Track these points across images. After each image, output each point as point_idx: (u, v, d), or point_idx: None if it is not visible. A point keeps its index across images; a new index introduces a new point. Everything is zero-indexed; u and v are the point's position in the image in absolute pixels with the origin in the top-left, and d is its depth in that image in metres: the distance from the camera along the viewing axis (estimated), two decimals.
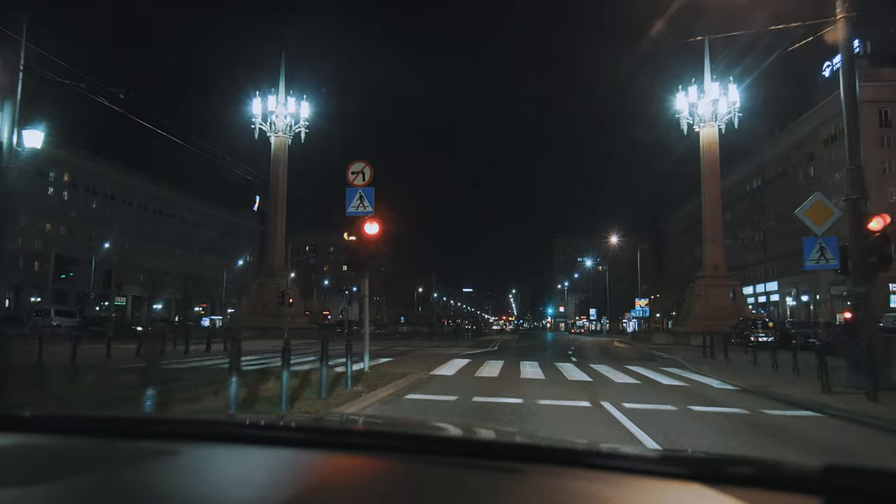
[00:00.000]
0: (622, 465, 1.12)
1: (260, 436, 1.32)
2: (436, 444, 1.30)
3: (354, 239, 11.17)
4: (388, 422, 2.83)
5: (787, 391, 10.42)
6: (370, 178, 11.59)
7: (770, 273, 70.36)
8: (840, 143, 58.56)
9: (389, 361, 16.07)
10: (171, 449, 1.17)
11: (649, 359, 21.25)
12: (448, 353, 22.45)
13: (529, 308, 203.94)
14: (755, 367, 15.67)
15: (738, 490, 0.95)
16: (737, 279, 41.93)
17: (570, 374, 13.76)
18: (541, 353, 24.59)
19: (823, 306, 61.25)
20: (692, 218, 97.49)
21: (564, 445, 1.30)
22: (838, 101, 45.15)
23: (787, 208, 69.88)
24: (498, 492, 1.01)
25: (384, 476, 1.10)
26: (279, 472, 1.09)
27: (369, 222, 11.11)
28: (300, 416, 3.93)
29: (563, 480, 1.05)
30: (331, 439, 1.33)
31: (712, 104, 37.62)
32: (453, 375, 12.78)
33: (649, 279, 59.00)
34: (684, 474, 1.03)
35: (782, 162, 70.74)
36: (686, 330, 35.99)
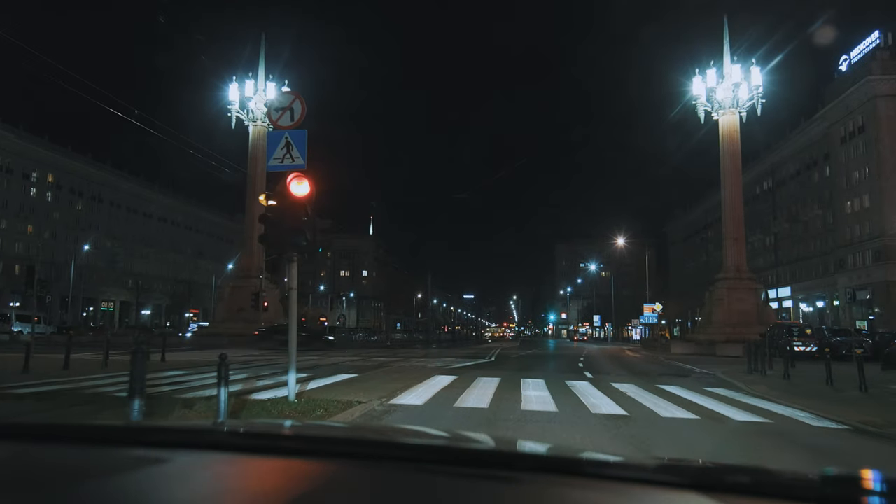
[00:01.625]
0: (620, 474, 1.11)
1: (253, 445, 1.31)
2: (431, 453, 1.27)
3: (275, 203, 7.51)
4: (383, 431, 2.80)
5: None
6: (302, 116, 8.03)
7: (783, 278, 66.66)
8: (857, 141, 55.46)
9: (347, 380, 12.42)
10: (162, 457, 1.17)
11: (680, 374, 17.51)
12: (433, 365, 18.75)
13: (531, 315, 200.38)
14: (830, 387, 11.96)
15: (735, 499, 0.95)
16: (760, 282, 38.21)
17: (591, 399, 10.03)
18: (545, 366, 20.80)
19: (842, 312, 57.77)
20: (699, 222, 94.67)
21: (562, 454, 1.36)
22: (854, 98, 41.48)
23: (800, 210, 66.99)
24: (495, 501, 1.01)
25: (378, 485, 1.08)
26: (272, 481, 1.09)
27: (297, 179, 7.47)
28: (294, 425, 2.98)
29: (560, 489, 1.04)
30: (324, 448, 1.30)
31: (733, 89, 34.06)
32: (422, 406, 9.05)
33: (654, 285, 55.14)
34: (682, 483, 1.02)
35: (796, 162, 67.34)
36: (707, 338, 32.33)
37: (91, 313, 77.32)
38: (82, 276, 70.49)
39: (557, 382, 12.99)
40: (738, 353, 27.42)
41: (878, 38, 55.84)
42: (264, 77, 39.21)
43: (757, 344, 19.41)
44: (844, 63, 59.64)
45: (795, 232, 67.70)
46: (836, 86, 58.55)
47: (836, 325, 49.55)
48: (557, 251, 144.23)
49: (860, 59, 56.85)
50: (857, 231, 55.43)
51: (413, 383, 11.65)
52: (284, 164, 7.83)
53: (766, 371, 15.01)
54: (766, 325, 30.85)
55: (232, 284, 41.08)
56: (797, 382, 13.07)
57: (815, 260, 64.10)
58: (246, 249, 40.59)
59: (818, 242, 63.40)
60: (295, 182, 7.51)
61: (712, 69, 34.65)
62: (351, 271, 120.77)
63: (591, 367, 19.80)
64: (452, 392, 10.64)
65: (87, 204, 78.05)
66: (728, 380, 14.19)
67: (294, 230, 7.41)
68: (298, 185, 7.49)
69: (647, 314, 55.07)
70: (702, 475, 1.08)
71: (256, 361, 18.99)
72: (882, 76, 52.37)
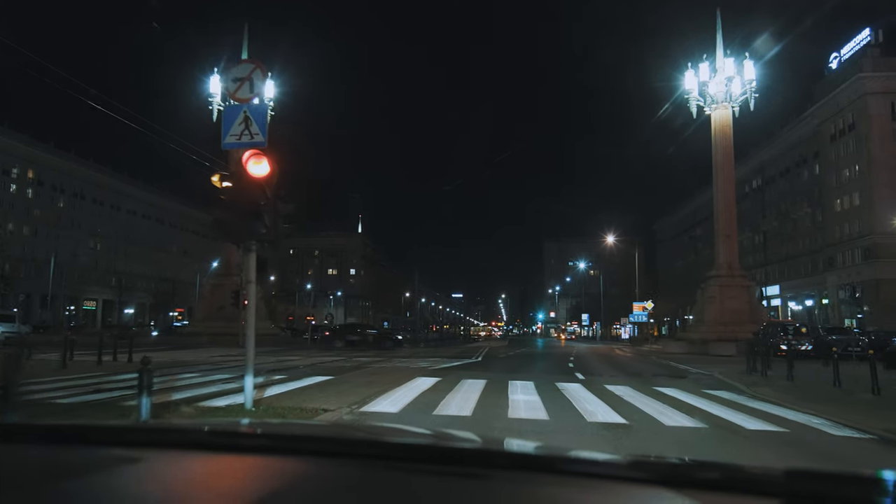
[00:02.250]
0: (592, 471, 1.11)
1: (229, 444, 1.31)
2: (403, 451, 1.27)
3: (230, 185, 6.61)
4: (359, 429, 2.82)
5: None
6: (262, 87, 7.09)
7: (771, 276, 66.38)
8: (847, 139, 55.18)
9: (320, 383, 11.53)
10: (138, 456, 1.17)
11: (676, 374, 16.74)
12: (416, 366, 17.85)
13: (519, 314, 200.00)
14: (838, 388, 11.21)
15: (704, 494, 0.96)
16: (752, 280, 37.61)
17: (585, 405, 9.17)
18: (534, 367, 19.96)
19: (832, 311, 57.49)
20: (687, 221, 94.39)
21: (535, 452, 1.34)
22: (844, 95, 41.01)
23: (789, 209, 66.73)
24: (466, 497, 1.02)
25: (351, 482, 1.09)
26: (245, 479, 1.10)
27: (255, 158, 6.58)
28: (269, 423, 3.47)
29: (533, 487, 1.05)
30: (299, 446, 1.30)
31: (726, 83, 33.42)
32: (397, 413, 8.14)
33: (643, 284, 54.61)
34: (652, 479, 1.03)
35: (785, 159, 67.03)
36: (700, 336, 31.69)
37: (73, 312, 75.95)
38: (63, 273, 69.20)
39: (547, 385, 12.13)
40: (732, 353, 26.79)
41: (868, 36, 55.57)
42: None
43: (754, 343, 18.73)
44: (835, 61, 59.35)
45: (784, 230, 67.45)
46: (826, 83, 58.24)
47: (825, 323, 49.24)
48: (546, 249, 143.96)
49: (851, 56, 56.58)
50: (847, 229, 55.17)
51: (391, 387, 10.73)
52: (242, 142, 6.93)
53: (766, 372, 14.25)
54: (758, 323, 30.26)
55: (212, 282, 39.89)
56: (801, 384, 12.32)
57: (804, 258, 63.87)
58: (227, 246, 39.50)
59: (807, 241, 63.17)
60: (253, 161, 6.62)
61: (705, 63, 34.02)
62: (339, 270, 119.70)
63: (582, 368, 18.97)
64: (433, 396, 9.73)
65: (68, 201, 76.57)
66: (728, 381, 13.40)
67: (251, 215, 6.53)
68: (256, 165, 6.61)
69: (636, 312, 54.58)
70: (672, 471, 1.08)
71: (230, 363, 18.08)
72: (873, 73, 52.09)
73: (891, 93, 52.20)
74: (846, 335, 26.51)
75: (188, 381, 11.58)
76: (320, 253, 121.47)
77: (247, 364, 6.94)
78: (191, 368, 15.18)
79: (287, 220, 7.05)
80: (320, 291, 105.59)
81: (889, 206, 49.21)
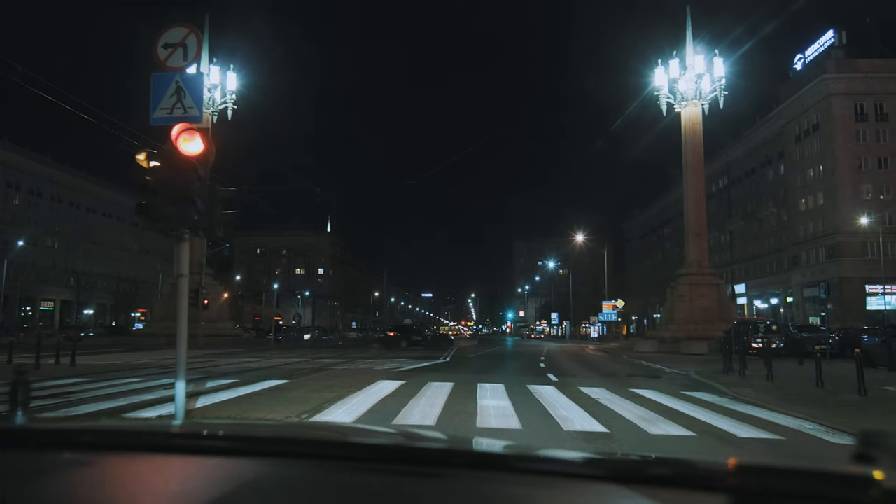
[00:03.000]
0: (547, 469, 1.13)
1: (184, 445, 1.31)
2: (359, 451, 1.27)
3: (158, 166, 5.75)
4: (323, 429, 2.81)
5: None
6: (198, 54, 6.26)
7: (737, 275, 67.14)
8: (812, 139, 55.92)
9: (272, 389, 10.68)
10: (88, 460, 1.15)
11: (650, 374, 16.22)
12: (381, 368, 17.02)
13: (489, 313, 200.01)
14: (822, 389, 10.73)
15: (655, 490, 0.98)
16: (721, 278, 37.58)
17: (560, 410, 8.48)
18: (504, 368, 19.28)
19: (796, 309, 58.23)
20: (655, 220, 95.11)
21: (490, 450, 1.36)
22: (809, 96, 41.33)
23: (755, 208, 67.52)
24: (420, 496, 1.03)
25: (306, 483, 1.09)
26: (198, 481, 1.09)
27: (187, 134, 5.72)
28: (228, 424, 3.24)
29: (488, 485, 1.06)
30: (253, 447, 1.28)
31: (696, 80, 33.28)
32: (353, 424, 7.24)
33: (610, 283, 54.57)
34: (606, 476, 1.05)
35: (751, 160, 67.78)
36: (670, 335, 31.43)
37: (28, 313, 73.40)
38: (19, 273, 66.66)
39: (519, 388, 11.42)
40: (704, 351, 26.53)
41: (832, 38, 56.37)
42: (208, 60, 36.73)
43: (728, 342, 18.37)
44: (800, 62, 60.12)
45: (750, 229, 68.23)
46: (791, 84, 58.94)
47: (788, 321, 49.78)
48: (516, 248, 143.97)
49: (815, 57, 57.36)
50: (811, 228, 55.90)
51: (349, 392, 9.90)
52: (174, 117, 6.04)
53: (743, 371, 13.78)
54: (728, 321, 30.12)
55: (171, 281, 38.42)
56: (781, 384, 11.84)
57: (769, 257, 64.67)
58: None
59: (773, 240, 63.95)
60: (184, 137, 5.76)
61: (675, 60, 33.84)
62: (307, 269, 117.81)
63: (554, 368, 18.34)
64: (395, 403, 8.94)
65: (24, 198, 73.78)
66: (705, 381, 12.88)
67: (182, 200, 5.66)
68: (189, 142, 5.74)
69: (606, 311, 54.49)
70: (625, 468, 1.11)
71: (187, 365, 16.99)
72: (836, 75, 52.81)
73: (854, 94, 53.00)
74: (815, 333, 26.45)
75: (127, 388, 10.62)
76: (288, 252, 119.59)
77: (177, 369, 6.06)
78: (138, 372, 14.17)
79: (227, 206, 6.18)
80: (288, 291, 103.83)
81: (852, 205, 49.95)
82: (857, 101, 53.32)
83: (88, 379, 12.30)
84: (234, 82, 36.99)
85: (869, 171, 52.49)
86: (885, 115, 52.70)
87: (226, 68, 36.99)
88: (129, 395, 9.50)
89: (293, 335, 52.92)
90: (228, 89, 36.76)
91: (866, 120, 53.30)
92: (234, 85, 36.89)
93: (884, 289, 45.90)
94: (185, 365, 5.95)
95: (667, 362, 20.72)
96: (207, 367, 16.93)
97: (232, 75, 36.91)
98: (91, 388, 10.69)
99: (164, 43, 6.23)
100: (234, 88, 36.89)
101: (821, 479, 0.91)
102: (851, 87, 52.89)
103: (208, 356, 22.33)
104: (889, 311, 46.30)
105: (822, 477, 0.92)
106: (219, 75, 36.64)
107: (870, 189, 52.10)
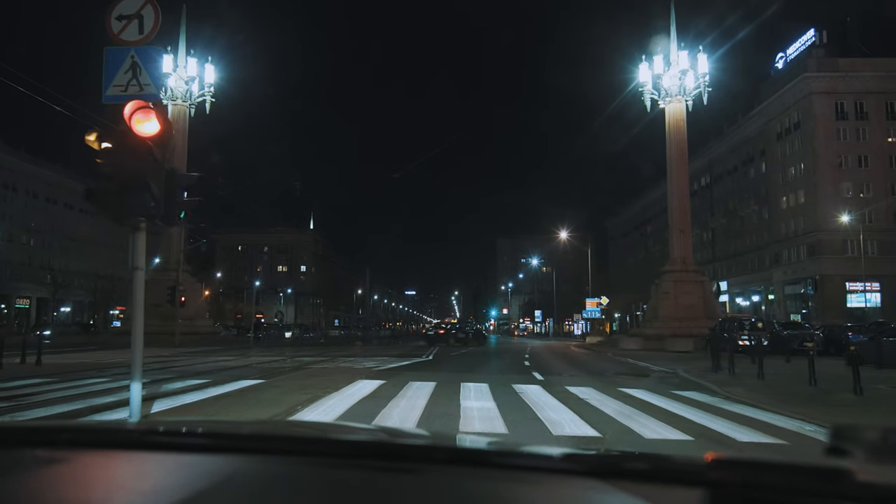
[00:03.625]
0: (527, 464, 1.15)
1: (159, 442, 1.30)
2: (340, 447, 1.27)
3: (110, 147, 5.22)
4: (301, 426, 2.92)
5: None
6: (155, 27, 5.73)
7: (719, 273, 67.40)
8: (793, 137, 56.20)
9: (244, 389, 10.16)
10: (63, 457, 1.15)
11: (638, 373, 15.89)
12: (361, 366, 16.54)
13: (472, 310, 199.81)
14: (815, 387, 10.43)
15: (632, 485, 0.98)
16: (706, 275, 37.51)
17: (548, 412, 8.03)
18: (488, 366, 18.86)
19: (777, 306, 58.55)
20: (638, 218, 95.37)
21: (470, 445, 1.37)
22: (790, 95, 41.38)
23: (737, 206, 67.83)
24: (401, 491, 1.03)
25: (281, 479, 1.08)
26: (172, 478, 1.08)
27: (142, 112, 5.20)
28: (205, 421, 3.37)
29: (467, 480, 1.07)
30: (231, 444, 1.28)
31: (679, 76, 33.11)
32: None
33: (594, 281, 54.38)
34: (583, 471, 1.05)
35: (733, 158, 68.04)
36: (655, 332, 31.23)
37: (3, 311, 72.01)
38: None
39: (504, 387, 10.98)
40: (689, 348, 26.35)
41: (813, 36, 56.64)
42: (185, 52, 35.88)
43: (715, 339, 18.13)
44: (781, 60, 60.36)
45: (732, 227, 68.53)
46: (772, 82, 59.16)
47: (772, 318, 49.99)
48: (499, 246, 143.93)
49: (796, 56, 57.61)
50: (793, 226, 56.16)
51: (325, 393, 9.40)
52: (129, 95, 5.53)
53: (733, 370, 13.48)
54: (713, 318, 30.01)
55: (147, 278, 37.41)
56: (773, 383, 11.54)
57: (751, 255, 64.95)
58: (163, 239, 37.25)
59: (754, 237, 64.23)
60: (139, 116, 5.24)
61: (659, 55, 33.63)
62: (289, 266, 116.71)
63: (540, 367, 17.96)
64: (373, 405, 8.46)
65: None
66: (695, 380, 12.55)
67: (136, 185, 5.14)
68: (144, 121, 5.23)
69: (589, 309, 54.28)
70: (601, 463, 1.12)
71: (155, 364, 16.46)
72: (817, 74, 53.00)
73: (835, 93, 53.26)
74: (799, 330, 26.36)
75: (89, 389, 10.04)
76: (269, 249, 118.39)
77: (133, 370, 5.56)
78: (105, 372, 13.56)
79: (191, 193, 5.65)
80: (270, 288, 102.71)
81: (833, 203, 50.19)
82: (837, 100, 53.58)
83: (51, 379, 11.70)
84: (213, 75, 36.17)
85: (849, 169, 52.74)
86: (865, 113, 53.00)
87: (203, 60, 36.16)
88: (88, 396, 8.93)
89: (274, 333, 52.16)
90: (207, 82, 35.93)
91: (847, 118, 53.56)
92: (212, 77, 36.07)
93: (864, 286, 46.13)
94: (140, 365, 5.47)
95: (653, 360, 20.45)
96: (182, 366, 16.38)
97: (210, 67, 36.08)
98: (51, 389, 10.10)
99: (117, 14, 5.71)
100: (212, 81, 36.07)
101: (794, 472, 0.92)
102: (832, 85, 53.13)
103: (184, 354, 21.76)
104: (869, 308, 46.58)
105: (796, 470, 0.93)
106: (196, 67, 35.81)
107: (850, 187, 52.38)
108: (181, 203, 5.54)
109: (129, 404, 6.92)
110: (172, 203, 5.41)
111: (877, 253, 48.27)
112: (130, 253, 5.56)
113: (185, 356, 20.67)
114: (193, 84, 35.45)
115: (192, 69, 35.58)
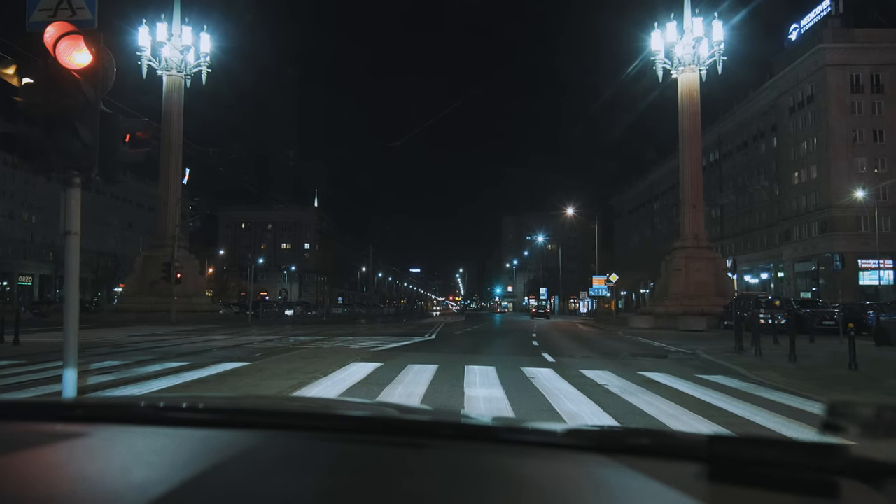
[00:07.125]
0: (530, 439, 1.17)
1: (172, 418, 1.32)
2: (347, 423, 1.29)
3: (32, 82, 4.21)
4: (310, 402, 2.81)
5: None
6: None
7: (728, 250, 66.28)
8: (806, 111, 54.64)
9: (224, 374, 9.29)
10: (81, 431, 1.17)
11: (654, 353, 14.98)
12: (358, 346, 15.67)
13: (477, 288, 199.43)
14: (855, 371, 9.47)
15: (634, 459, 1.01)
16: (717, 252, 36.47)
17: (564, 402, 7.02)
18: (494, 346, 17.97)
19: (787, 284, 57.49)
20: (645, 194, 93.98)
21: (473, 422, 1.38)
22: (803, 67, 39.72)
23: (747, 182, 66.43)
24: (407, 466, 1.05)
25: (296, 454, 1.10)
26: (187, 453, 1.10)
27: (71, 41, 4.20)
28: (215, 398, 3.17)
29: (473, 454, 1.09)
30: (242, 419, 1.30)
31: (693, 45, 31.73)
32: None
33: (601, 258, 53.40)
34: (587, 446, 1.08)
35: (742, 133, 66.46)
36: (665, 310, 30.31)
37: (6, 288, 71.77)
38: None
39: (512, 371, 10.05)
40: (702, 327, 25.46)
41: (829, 6, 54.77)
42: (180, 20, 34.57)
43: (735, 317, 17.19)
44: (795, 32, 58.55)
45: (742, 204, 67.29)
46: (785, 54, 57.43)
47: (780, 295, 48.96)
48: (505, 223, 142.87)
49: (811, 27, 55.80)
50: (804, 202, 54.89)
51: (314, 377, 8.52)
52: (59, 20, 4.49)
53: (759, 351, 12.53)
54: (725, 296, 29.07)
55: (144, 255, 36.67)
56: (807, 366, 10.59)
57: (760, 231, 63.75)
58: (159, 215, 36.27)
59: (764, 214, 62.97)
60: (67, 45, 4.22)
61: (672, 23, 32.22)
62: (293, 244, 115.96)
63: (549, 347, 17.02)
64: (364, 392, 7.55)
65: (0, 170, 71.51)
66: (720, 362, 11.60)
67: (63, 125, 4.15)
68: (72, 51, 4.20)
69: (596, 286, 53.33)
70: (605, 438, 1.14)
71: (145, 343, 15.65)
72: (833, 45, 51.29)
73: (850, 64, 51.56)
74: (816, 308, 25.38)
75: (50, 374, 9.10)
76: (274, 227, 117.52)
77: (66, 353, 4.60)
78: (85, 352, 12.64)
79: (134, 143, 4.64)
80: (274, 266, 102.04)
81: (846, 179, 48.85)
82: (852, 72, 51.91)
83: (22, 361, 10.84)
84: (208, 44, 34.92)
85: (864, 143, 51.25)
86: (881, 86, 51.37)
87: (199, 29, 34.88)
88: (53, 382, 8.01)
89: (274, 310, 51.43)
90: (202, 51, 34.70)
91: (862, 91, 51.94)
92: (207, 47, 34.84)
93: (877, 264, 44.98)
94: (75, 348, 4.53)
95: (666, 339, 19.54)
96: (168, 346, 15.56)
97: (206, 36, 34.83)
98: (15, 371, 9.22)
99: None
100: (207, 51, 34.84)
101: (791, 448, 0.94)
102: (847, 57, 51.40)
103: (178, 333, 21.00)
104: (882, 286, 45.50)
105: (793, 446, 0.95)
106: (191, 36, 34.55)
107: (864, 162, 50.98)
108: (124, 153, 4.53)
109: (101, 388, 6.04)
110: (110, 153, 4.39)
111: (890, 230, 47.01)
112: (62, 213, 4.59)
113: (177, 335, 19.86)
114: (189, 53, 34.22)
115: (187, 38, 34.33)
